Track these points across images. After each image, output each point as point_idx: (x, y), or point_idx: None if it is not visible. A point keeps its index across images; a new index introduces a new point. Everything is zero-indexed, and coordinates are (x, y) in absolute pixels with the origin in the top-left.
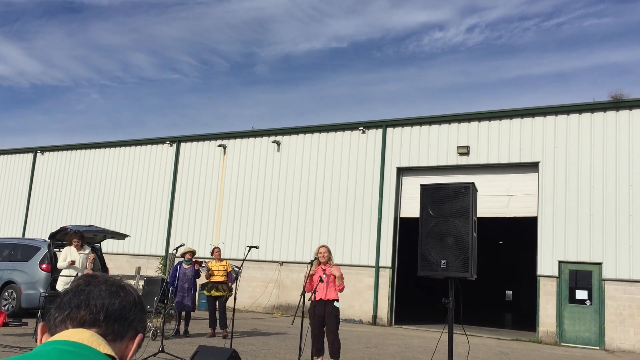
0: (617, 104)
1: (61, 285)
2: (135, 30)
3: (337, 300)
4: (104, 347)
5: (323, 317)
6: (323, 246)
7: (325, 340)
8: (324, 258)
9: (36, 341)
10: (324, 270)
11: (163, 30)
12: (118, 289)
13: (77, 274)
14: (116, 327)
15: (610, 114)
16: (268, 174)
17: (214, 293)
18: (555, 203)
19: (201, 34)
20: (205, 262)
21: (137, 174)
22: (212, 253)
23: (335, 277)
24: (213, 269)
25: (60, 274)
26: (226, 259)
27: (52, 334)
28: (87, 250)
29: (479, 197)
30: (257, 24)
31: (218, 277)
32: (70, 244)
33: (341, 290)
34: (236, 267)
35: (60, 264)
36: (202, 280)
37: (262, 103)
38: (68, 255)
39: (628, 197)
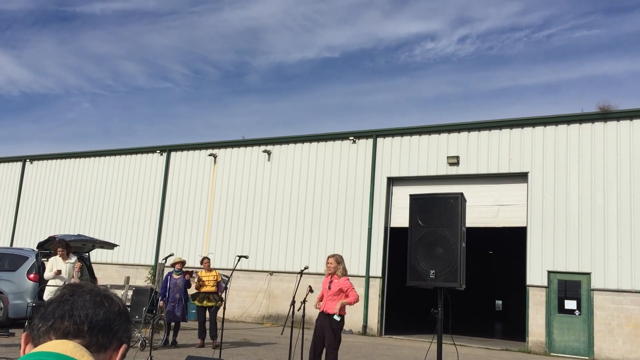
0: (605, 115)
1: (48, 295)
2: (127, 39)
3: (338, 314)
4: (87, 359)
5: (323, 328)
6: (331, 256)
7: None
8: (330, 269)
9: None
10: (330, 281)
11: (155, 39)
12: (102, 299)
13: (64, 284)
14: (100, 338)
15: (599, 125)
16: (258, 183)
17: (205, 303)
18: (544, 213)
19: (193, 43)
20: (195, 272)
21: (126, 183)
22: (201, 263)
23: (340, 289)
24: (204, 279)
25: (47, 284)
26: (216, 269)
27: (35, 345)
28: (74, 259)
29: (468, 207)
30: (250, 34)
31: (209, 288)
32: (56, 254)
33: (350, 303)
34: (225, 276)
35: (47, 274)
36: (192, 290)
37: (253, 112)
38: (54, 265)
39: (616, 207)
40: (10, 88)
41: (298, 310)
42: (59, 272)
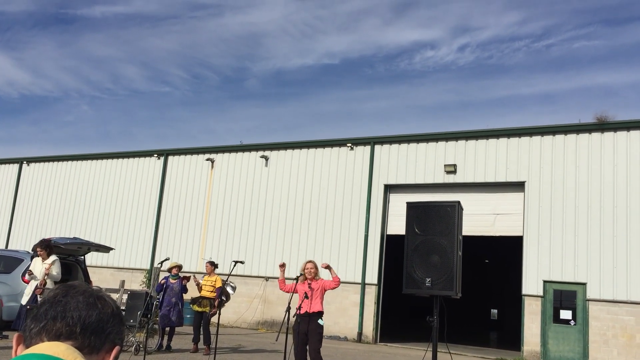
0: (602, 126)
1: (25, 298)
2: (127, 43)
3: (322, 318)
4: None
5: (306, 334)
6: (310, 262)
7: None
8: (310, 274)
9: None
10: (309, 284)
11: (155, 43)
12: (96, 300)
13: (36, 285)
14: (92, 340)
15: (595, 135)
16: (256, 188)
17: (195, 308)
18: (541, 223)
19: (193, 47)
20: (195, 277)
21: (123, 186)
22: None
23: (321, 286)
24: (202, 283)
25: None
26: (218, 275)
27: (27, 346)
28: (50, 260)
29: (465, 216)
30: (250, 39)
31: (204, 293)
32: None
33: (336, 282)
34: (231, 283)
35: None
36: (190, 294)
37: (252, 117)
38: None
39: (612, 217)
40: (9, 90)
41: (293, 317)
42: (30, 272)
